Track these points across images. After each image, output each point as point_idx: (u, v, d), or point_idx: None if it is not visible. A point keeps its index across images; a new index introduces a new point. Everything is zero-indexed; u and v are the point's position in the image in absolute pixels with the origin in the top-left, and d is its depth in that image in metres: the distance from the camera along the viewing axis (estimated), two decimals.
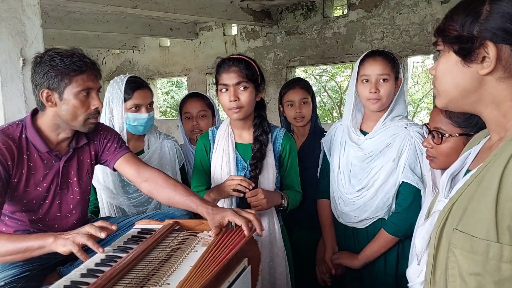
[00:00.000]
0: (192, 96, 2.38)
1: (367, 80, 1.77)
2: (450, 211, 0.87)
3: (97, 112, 1.53)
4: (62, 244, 1.21)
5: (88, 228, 1.24)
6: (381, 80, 1.75)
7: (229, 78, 1.70)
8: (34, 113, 1.55)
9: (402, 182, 1.75)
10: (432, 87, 0.97)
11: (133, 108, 2.01)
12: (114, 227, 1.27)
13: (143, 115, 2.02)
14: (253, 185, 1.70)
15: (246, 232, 1.29)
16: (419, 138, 1.73)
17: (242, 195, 1.69)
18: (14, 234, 1.47)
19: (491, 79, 0.85)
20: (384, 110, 1.81)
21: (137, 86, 2.02)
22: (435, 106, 1.45)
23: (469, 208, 0.83)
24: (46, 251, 1.25)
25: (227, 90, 1.71)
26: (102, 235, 1.23)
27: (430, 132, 1.43)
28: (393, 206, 1.80)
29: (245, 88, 1.70)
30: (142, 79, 2.12)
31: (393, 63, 1.78)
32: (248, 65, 1.72)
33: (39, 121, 1.53)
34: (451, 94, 0.91)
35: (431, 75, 0.95)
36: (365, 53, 1.84)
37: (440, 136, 1.39)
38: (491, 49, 0.83)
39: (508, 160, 0.78)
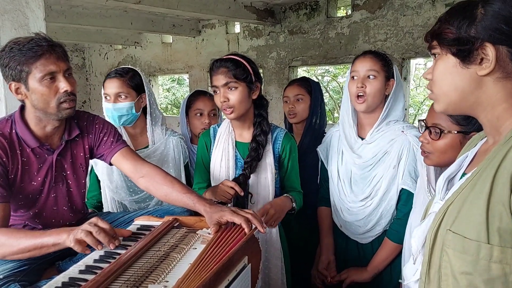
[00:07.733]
0: (204, 94, 2.37)
1: (355, 77, 1.76)
2: (445, 213, 0.90)
3: (69, 94, 1.44)
4: (71, 239, 1.21)
5: (89, 227, 1.23)
6: (369, 77, 1.74)
7: (217, 79, 1.70)
8: (23, 107, 1.51)
9: (402, 188, 1.73)
10: (429, 92, 0.99)
11: (104, 97, 2.02)
12: (116, 243, 1.25)
13: (108, 104, 2.00)
14: (243, 193, 1.69)
15: (246, 230, 1.27)
16: (417, 143, 1.70)
17: (232, 203, 1.70)
18: (27, 230, 1.46)
19: (489, 80, 0.88)
20: (373, 112, 1.78)
21: (108, 75, 2.02)
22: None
23: (462, 210, 0.86)
24: (61, 247, 1.25)
25: (218, 91, 1.72)
26: (101, 236, 1.22)
27: (427, 128, 1.43)
28: (395, 212, 1.78)
29: (234, 88, 1.69)
30: (130, 68, 2.06)
31: (384, 62, 1.76)
32: (237, 64, 1.70)
33: (26, 116, 1.50)
34: (450, 97, 0.93)
35: (427, 80, 0.96)
36: (359, 54, 1.83)
37: (438, 132, 1.39)
38: (490, 50, 0.85)
39: (499, 164, 0.81)
